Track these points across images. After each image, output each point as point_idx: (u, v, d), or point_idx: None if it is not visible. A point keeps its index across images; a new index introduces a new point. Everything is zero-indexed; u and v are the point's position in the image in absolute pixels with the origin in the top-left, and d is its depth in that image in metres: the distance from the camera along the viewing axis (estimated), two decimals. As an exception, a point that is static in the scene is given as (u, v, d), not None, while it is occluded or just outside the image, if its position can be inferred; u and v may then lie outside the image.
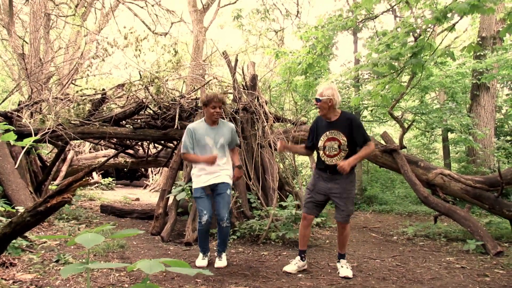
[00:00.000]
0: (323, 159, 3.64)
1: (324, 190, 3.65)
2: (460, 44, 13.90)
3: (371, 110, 11.08)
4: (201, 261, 3.94)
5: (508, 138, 11.09)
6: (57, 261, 3.64)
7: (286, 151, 3.85)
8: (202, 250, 4.00)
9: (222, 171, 3.87)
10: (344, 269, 3.64)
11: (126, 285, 3.11)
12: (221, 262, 3.89)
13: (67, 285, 3.03)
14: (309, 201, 3.73)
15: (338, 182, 3.59)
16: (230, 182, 3.96)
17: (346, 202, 3.58)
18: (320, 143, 3.64)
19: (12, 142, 2.36)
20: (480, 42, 9.29)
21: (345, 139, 3.54)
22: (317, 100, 3.60)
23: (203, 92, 6.49)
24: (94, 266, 1.34)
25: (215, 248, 4.14)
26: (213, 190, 3.89)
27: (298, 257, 3.79)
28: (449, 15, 4.41)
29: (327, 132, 3.60)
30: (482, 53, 9.11)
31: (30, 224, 1.97)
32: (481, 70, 9.04)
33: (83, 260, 3.71)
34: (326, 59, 8.29)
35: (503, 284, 3.51)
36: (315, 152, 3.81)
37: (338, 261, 3.76)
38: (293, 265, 3.74)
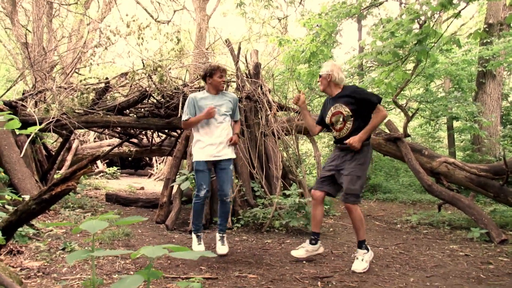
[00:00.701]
0: (334, 134, 3.70)
1: (332, 166, 3.62)
2: (466, 32, 13.73)
3: (376, 98, 11.00)
4: (198, 246, 3.94)
5: (514, 126, 11.02)
6: (63, 249, 3.68)
7: (300, 107, 3.80)
8: (196, 229, 3.99)
9: (226, 146, 3.90)
10: (356, 262, 3.46)
11: (132, 272, 3.15)
12: (224, 247, 3.87)
13: (74, 272, 3.07)
14: (319, 177, 3.76)
15: (345, 160, 3.55)
16: (234, 156, 3.98)
17: (346, 178, 3.47)
18: (327, 120, 3.68)
19: (16, 131, 2.37)
20: (487, 29, 9.16)
21: (347, 110, 3.50)
22: (319, 76, 3.70)
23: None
24: (98, 253, 1.35)
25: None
26: (215, 165, 3.91)
27: (308, 241, 3.74)
28: (455, 1, 4.35)
29: (332, 108, 3.63)
30: (488, 40, 8.99)
31: (36, 212, 1.99)
32: (487, 57, 8.94)
33: (89, 248, 3.76)
34: (329, 47, 8.21)
35: (507, 272, 3.51)
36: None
37: (356, 250, 3.59)
38: (301, 249, 3.70)
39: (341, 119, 3.56)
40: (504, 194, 5.27)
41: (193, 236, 4.02)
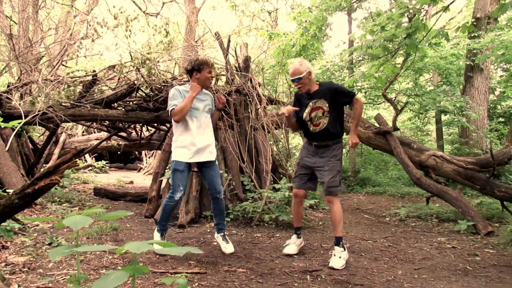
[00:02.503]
0: (310, 129, 3.65)
1: (309, 164, 3.66)
2: (454, 26, 13.82)
3: (365, 92, 11.06)
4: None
5: (501, 119, 11.16)
6: (49, 244, 3.63)
7: (283, 117, 3.73)
8: (162, 229, 3.70)
9: (212, 147, 3.70)
10: (333, 258, 3.38)
11: (119, 267, 3.12)
12: (230, 245, 3.71)
13: (60, 267, 3.03)
14: (296, 175, 3.74)
15: (322, 156, 3.60)
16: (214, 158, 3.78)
17: (327, 173, 3.51)
18: (306, 116, 3.63)
19: (1, 124, 2.31)
20: (475, 23, 9.22)
21: (327, 105, 3.55)
22: (297, 80, 3.54)
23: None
24: (82, 249, 1.32)
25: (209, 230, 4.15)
26: (198, 165, 3.71)
27: (295, 236, 3.79)
28: (444, -6, 4.35)
29: (310, 103, 3.60)
30: (476, 34, 9.06)
31: (19, 206, 1.94)
32: (475, 51, 9.01)
33: (74, 243, 3.71)
34: (320, 41, 8.20)
35: (493, 263, 3.56)
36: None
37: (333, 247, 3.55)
38: (292, 245, 3.74)
39: (320, 114, 3.59)
40: (490, 187, 5.34)
41: (157, 234, 3.70)
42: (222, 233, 3.79)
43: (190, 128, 3.60)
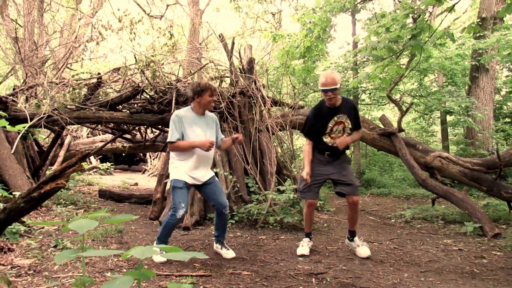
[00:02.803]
0: (326, 140, 3.73)
1: (324, 173, 3.77)
2: (459, 26, 13.75)
3: (369, 93, 11.02)
4: (161, 258, 3.43)
5: (507, 120, 11.08)
6: (55, 246, 3.64)
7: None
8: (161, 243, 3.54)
9: (208, 171, 3.63)
10: (362, 248, 3.78)
11: (124, 270, 3.12)
12: (230, 251, 3.68)
13: (65, 270, 3.04)
14: (308, 185, 3.75)
15: (334, 164, 3.77)
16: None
17: (351, 176, 3.75)
18: (328, 129, 3.71)
19: (7, 127, 2.32)
20: (480, 23, 9.17)
21: (349, 122, 3.72)
22: (333, 90, 3.51)
23: (199, 77, 6.40)
24: (87, 253, 1.32)
25: (212, 235, 4.13)
26: (199, 186, 3.62)
27: (307, 239, 3.91)
28: (449, -5, 4.33)
29: (335, 117, 3.68)
30: (481, 34, 9.01)
31: (24, 210, 1.95)
32: (480, 51, 8.96)
33: (80, 246, 3.71)
34: (324, 42, 8.18)
35: (500, 266, 3.53)
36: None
37: (352, 240, 3.88)
38: (306, 247, 3.84)
39: (340, 129, 3.72)
40: (497, 188, 5.30)
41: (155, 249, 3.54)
42: (221, 243, 3.73)
43: (188, 155, 3.53)
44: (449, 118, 10.89)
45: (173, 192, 3.48)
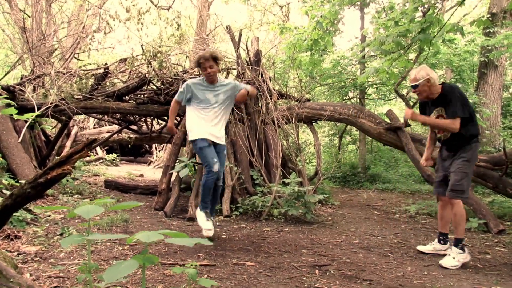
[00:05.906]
0: (439, 135, 3.69)
1: (445, 167, 3.66)
2: (469, 22, 13.59)
3: (376, 88, 10.96)
4: (207, 222, 3.71)
5: (515, 117, 10.97)
6: (61, 234, 3.67)
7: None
8: (205, 206, 3.79)
9: (222, 133, 3.90)
10: (446, 257, 3.41)
11: (129, 258, 3.14)
12: (210, 224, 3.75)
13: (71, 257, 3.07)
14: (437, 181, 3.75)
15: (452, 158, 3.58)
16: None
17: (453, 175, 3.49)
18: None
19: (14, 116, 2.34)
20: (491, 19, 9.06)
21: (444, 113, 3.53)
22: (414, 87, 3.50)
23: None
24: (93, 237, 1.34)
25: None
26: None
27: (436, 240, 3.80)
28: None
29: (434, 111, 3.59)
30: (491, 30, 8.90)
31: (31, 196, 1.96)
32: (489, 47, 8.86)
33: (86, 233, 3.75)
34: (331, 35, 8.12)
35: (504, 261, 3.52)
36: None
37: (450, 247, 3.55)
38: (428, 245, 3.79)
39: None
40: (503, 185, 5.26)
41: (201, 213, 3.78)
42: (207, 213, 3.81)
43: (203, 115, 3.80)
44: (456, 114, 10.78)
45: (201, 152, 3.72)
